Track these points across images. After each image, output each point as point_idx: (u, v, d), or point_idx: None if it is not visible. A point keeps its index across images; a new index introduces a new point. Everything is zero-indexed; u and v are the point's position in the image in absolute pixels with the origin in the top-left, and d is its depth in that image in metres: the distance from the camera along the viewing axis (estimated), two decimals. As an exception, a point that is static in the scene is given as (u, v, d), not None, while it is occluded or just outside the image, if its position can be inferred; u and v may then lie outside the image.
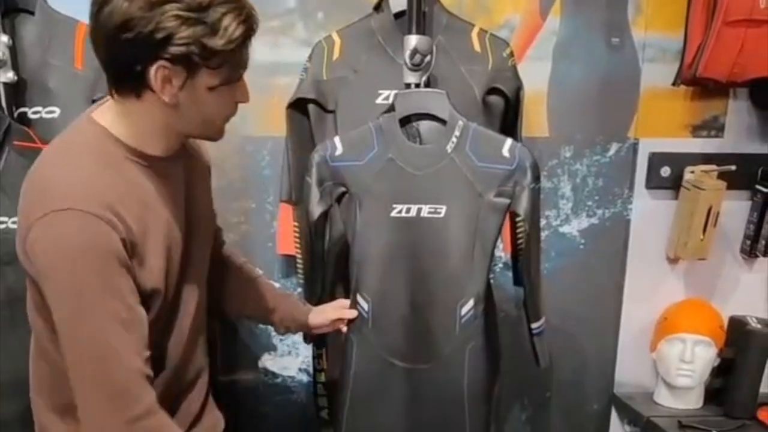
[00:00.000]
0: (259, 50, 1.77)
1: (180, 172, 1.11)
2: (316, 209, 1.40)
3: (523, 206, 1.35)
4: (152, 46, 0.89)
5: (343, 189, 1.40)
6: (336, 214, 1.49)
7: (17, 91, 1.51)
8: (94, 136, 1.00)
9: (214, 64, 0.93)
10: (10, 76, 1.48)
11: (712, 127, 1.94)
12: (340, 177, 1.39)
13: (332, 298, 1.58)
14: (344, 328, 1.44)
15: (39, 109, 1.54)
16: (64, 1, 1.58)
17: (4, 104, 1.49)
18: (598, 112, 1.90)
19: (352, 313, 1.42)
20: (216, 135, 1.08)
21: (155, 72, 0.91)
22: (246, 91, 1.06)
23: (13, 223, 1.29)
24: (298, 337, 1.86)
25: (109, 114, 1.01)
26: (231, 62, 0.96)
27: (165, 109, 0.97)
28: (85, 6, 0.97)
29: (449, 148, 1.36)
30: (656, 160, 1.94)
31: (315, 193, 1.39)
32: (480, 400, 1.42)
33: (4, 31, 1.47)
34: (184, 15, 0.89)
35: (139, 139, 1.01)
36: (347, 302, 1.45)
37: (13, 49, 1.49)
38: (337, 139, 1.41)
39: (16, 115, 1.51)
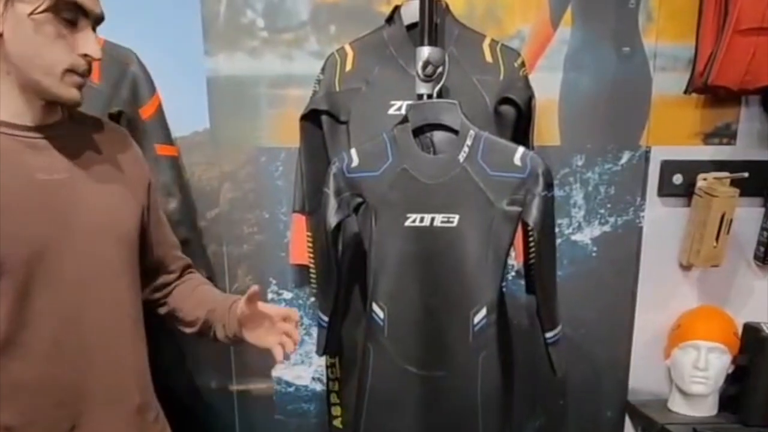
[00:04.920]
0: (272, 63, 1.84)
1: (60, 152, 1.05)
2: (333, 219, 1.41)
3: (532, 215, 1.34)
4: None
5: (360, 199, 1.41)
6: (348, 224, 1.50)
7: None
8: None
9: None
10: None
11: (725, 134, 1.94)
12: (356, 188, 1.41)
13: (346, 306, 1.60)
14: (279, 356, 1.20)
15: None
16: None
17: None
18: (609, 121, 1.90)
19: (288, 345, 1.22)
20: (59, 88, 1.00)
21: None
22: (91, 42, 1.00)
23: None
24: (312, 347, 1.88)
25: None
26: None
27: None
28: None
29: (461, 157, 1.37)
30: (668, 167, 1.94)
31: (332, 204, 1.41)
32: (494, 408, 1.42)
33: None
34: None
35: None
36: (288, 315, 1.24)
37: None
38: (353, 151, 1.42)
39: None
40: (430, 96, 1.46)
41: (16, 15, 0.94)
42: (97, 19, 1.03)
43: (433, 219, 1.38)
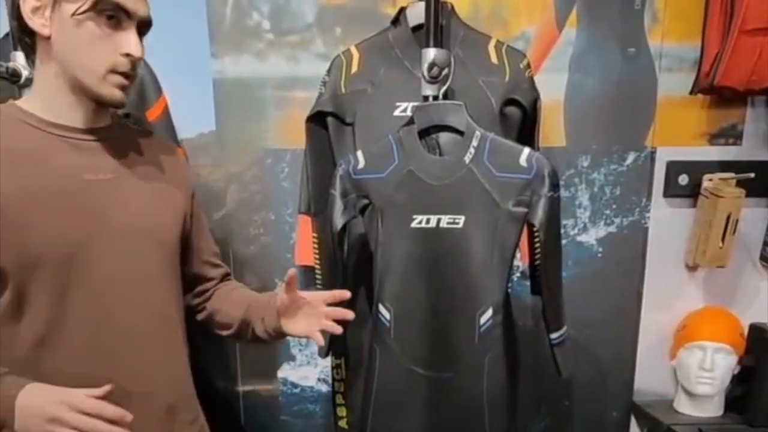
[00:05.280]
0: (278, 65, 1.84)
1: (108, 154, 1.09)
2: (340, 220, 1.42)
3: (538, 216, 1.34)
4: None
5: (366, 201, 1.42)
6: (354, 225, 1.50)
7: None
8: None
9: None
10: (36, 94, 1.51)
11: (730, 134, 1.94)
12: (363, 189, 1.41)
13: (352, 307, 1.60)
14: (320, 340, 1.22)
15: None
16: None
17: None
18: (615, 122, 1.90)
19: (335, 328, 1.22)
20: (101, 88, 1.02)
21: (24, 2, 0.97)
22: (133, 42, 1.02)
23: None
24: (317, 348, 1.88)
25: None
26: None
27: (48, 52, 1.00)
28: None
29: (467, 158, 1.37)
30: (674, 168, 1.94)
31: (339, 205, 1.42)
32: (500, 408, 1.43)
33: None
34: None
35: (48, 106, 1.04)
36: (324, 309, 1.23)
37: (40, 68, 1.52)
38: (359, 153, 1.43)
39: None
40: (435, 97, 1.46)
41: (62, 16, 0.97)
42: (143, 21, 1.05)
43: (439, 220, 1.39)
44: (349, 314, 1.22)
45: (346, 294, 1.22)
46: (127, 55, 1.01)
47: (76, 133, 1.05)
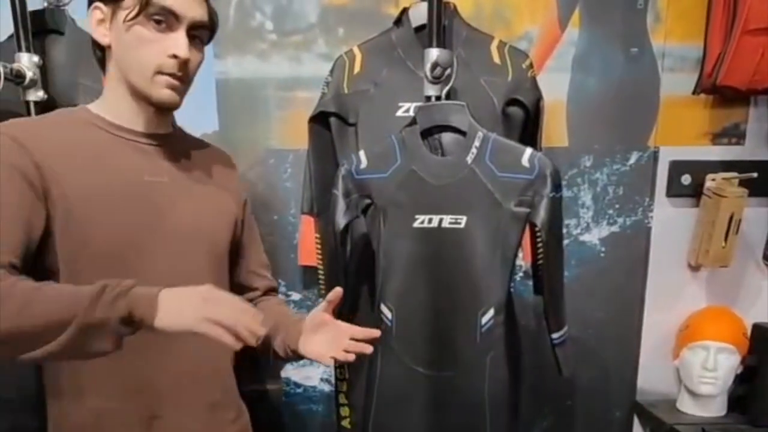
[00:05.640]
0: (280, 65, 1.85)
1: (165, 158, 1.13)
2: (342, 220, 1.42)
3: (540, 216, 1.34)
4: None
5: (368, 201, 1.42)
6: (356, 225, 1.51)
7: (47, 110, 1.54)
8: (70, 110, 1.11)
9: None
10: (40, 94, 1.52)
11: (733, 134, 1.94)
12: (365, 189, 1.42)
13: (354, 307, 1.60)
14: (330, 363, 1.21)
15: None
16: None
17: (34, 122, 1.52)
18: (617, 122, 1.90)
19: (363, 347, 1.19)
20: (150, 89, 1.06)
21: (92, 14, 1.05)
22: (180, 44, 1.04)
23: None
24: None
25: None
26: None
27: (110, 59, 1.07)
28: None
29: (469, 159, 1.37)
30: (677, 168, 1.94)
31: (341, 205, 1.42)
32: (501, 408, 1.42)
33: (35, 51, 1.50)
34: None
35: (113, 110, 1.09)
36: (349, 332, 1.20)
37: (44, 69, 1.53)
38: (362, 153, 1.43)
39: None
40: (438, 98, 1.46)
41: (117, 24, 1.03)
42: (197, 24, 1.07)
43: (441, 220, 1.39)
44: (368, 349, 1.20)
45: (377, 333, 1.22)
46: (174, 56, 1.04)
47: (137, 137, 1.11)
